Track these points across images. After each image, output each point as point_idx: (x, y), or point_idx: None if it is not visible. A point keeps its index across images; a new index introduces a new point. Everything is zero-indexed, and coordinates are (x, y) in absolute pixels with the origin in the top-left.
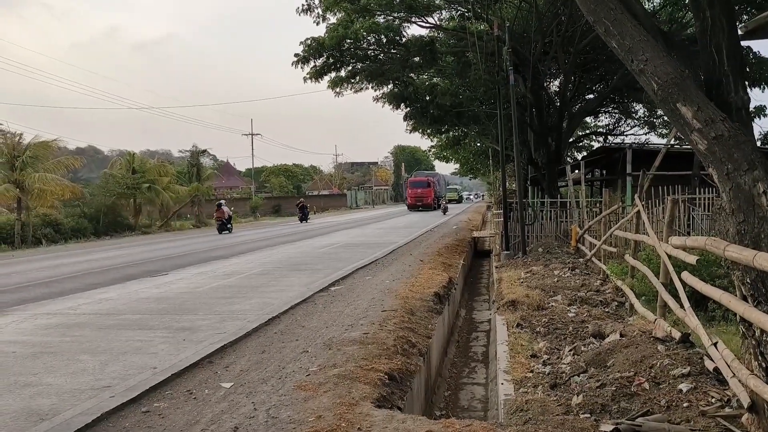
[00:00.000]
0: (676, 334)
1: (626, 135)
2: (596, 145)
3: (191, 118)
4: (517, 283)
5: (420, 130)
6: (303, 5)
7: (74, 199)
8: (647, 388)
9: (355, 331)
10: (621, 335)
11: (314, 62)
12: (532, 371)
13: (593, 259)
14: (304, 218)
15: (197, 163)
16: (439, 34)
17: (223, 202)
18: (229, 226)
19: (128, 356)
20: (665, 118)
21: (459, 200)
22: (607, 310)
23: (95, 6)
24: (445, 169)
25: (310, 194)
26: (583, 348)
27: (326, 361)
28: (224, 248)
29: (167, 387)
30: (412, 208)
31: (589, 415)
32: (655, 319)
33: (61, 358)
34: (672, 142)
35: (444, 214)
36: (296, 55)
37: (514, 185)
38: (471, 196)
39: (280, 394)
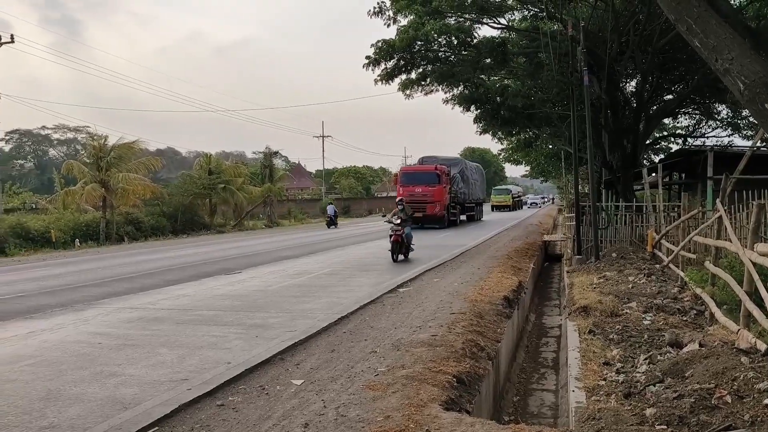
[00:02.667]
0: (762, 346)
1: (707, 137)
2: (675, 147)
3: (265, 120)
4: (589, 289)
5: (490, 132)
6: (374, 8)
7: (154, 199)
8: (729, 401)
9: (424, 332)
10: (700, 345)
11: (385, 64)
12: (604, 379)
13: (670, 265)
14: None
15: (270, 164)
16: (510, 34)
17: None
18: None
19: (204, 351)
20: (751, 119)
21: (513, 206)
22: (684, 318)
23: (178, 12)
24: (515, 171)
25: (379, 196)
26: (659, 357)
27: (395, 361)
28: (294, 248)
29: (240, 382)
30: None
31: (665, 427)
32: (738, 330)
33: (142, 351)
34: (759, 144)
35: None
36: (367, 57)
37: (586, 188)
38: (537, 200)
39: (349, 393)
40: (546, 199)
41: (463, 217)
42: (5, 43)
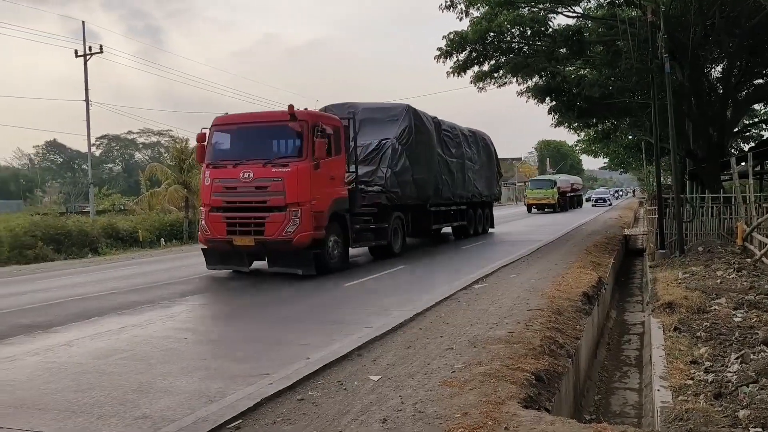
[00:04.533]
0: None
1: None
2: (766, 134)
3: None
4: (674, 284)
5: (566, 124)
6: (446, 2)
7: None
8: None
9: (500, 329)
10: None
11: (457, 56)
12: (692, 378)
13: (764, 258)
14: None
15: None
16: (586, 23)
17: None
18: None
19: (284, 346)
20: None
21: (565, 204)
22: None
23: (253, 16)
24: (593, 164)
25: None
26: (752, 356)
27: (471, 358)
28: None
29: (319, 377)
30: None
31: (761, 430)
32: None
33: (224, 346)
34: None
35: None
36: (439, 49)
37: (669, 180)
38: (606, 195)
39: (426, 390)
40: (621, 193)
41: (407, 242)
42: (95, 54)
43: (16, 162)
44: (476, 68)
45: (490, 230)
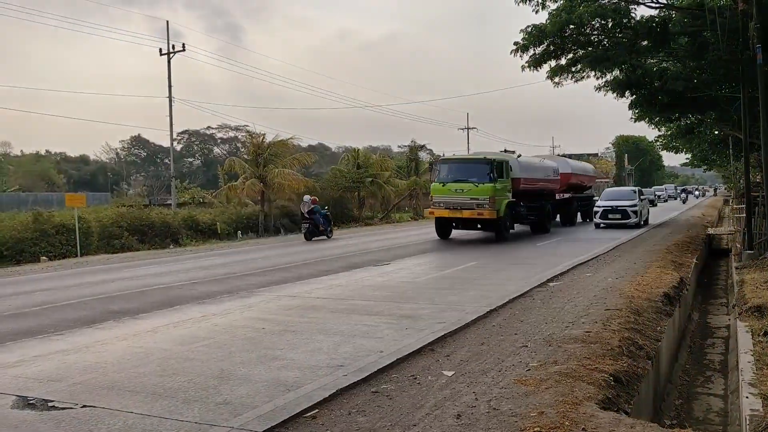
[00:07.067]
0: None
1: None
2: None
3: (410, 114)
4: (763, 287)
5: (647, 119)
6: None
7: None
8: None
9: (577, 328)
10: None
11: (534, 50)
12: None
13: None
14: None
15: (415, 157)
16: (671, 13)
17: None
18: None
19: (357, 339)
20: None
21: (502, 222)
22: None
23: (328, 12)
24: (674, 160)
25: None
26: None
27: (546, 357)
28: (439, 240)
29: (393, 370)
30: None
31: None
32: None
33: (301, 337)
34: None
35: None
36: (515, 43)
37: (758, 177)
38: (671, 194)
39: (500, 387)
40: (700, 192)
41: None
42: (178, 52)
43: (104, 156)
44: (552, 62)
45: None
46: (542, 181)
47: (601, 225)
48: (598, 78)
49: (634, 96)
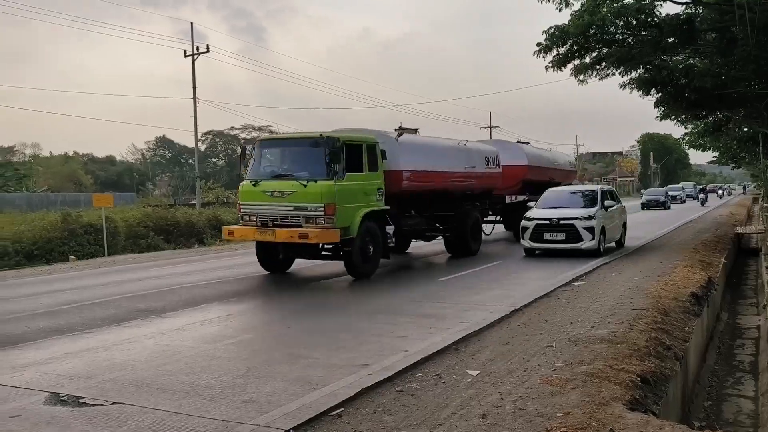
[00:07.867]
0: None
1: None
2: None
3: (430, 112)
4: None
5: (673, 117)
6: None
7: None
8: None
9: (602, 328)
10: None
11: (557, 50)
12: None
13: None
14: None
15: None
16: (698, 9)
17: None
18: None
19: (382, 338)
20: None
21: (354, 251)
22: None
23: (349, 12)
24: (700, 158)
25: None
26: None
27: (572, 357)
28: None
29: (417, 370)
30: None
31: None
32: None
33: (326, 336)
34: None
35: None
36: (538, 44)
37: None
38: (690, 193)
39: (525, 387)
40: (726, 191)
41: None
42: (203, 53)
43: (130, 157)
44: (576, 61)
45: None
46: (459, 177)
47: (536, 252)
48: (622, 75)
49: (660, 94)
